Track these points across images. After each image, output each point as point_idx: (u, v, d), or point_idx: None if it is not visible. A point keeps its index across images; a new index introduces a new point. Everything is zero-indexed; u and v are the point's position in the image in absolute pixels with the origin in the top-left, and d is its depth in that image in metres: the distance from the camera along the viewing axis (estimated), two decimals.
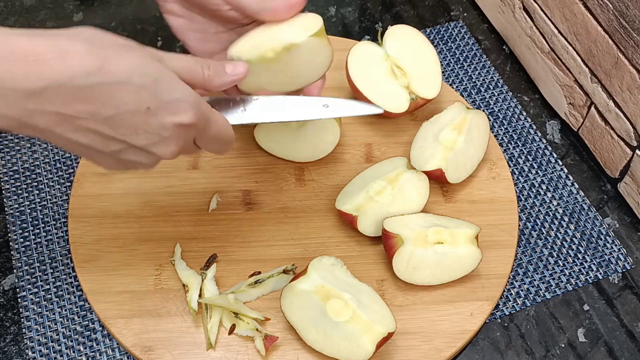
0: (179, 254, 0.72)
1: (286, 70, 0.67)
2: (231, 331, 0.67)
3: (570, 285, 0.75)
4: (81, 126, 0.52)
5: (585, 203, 0.81)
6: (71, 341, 0.70)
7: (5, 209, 0.78)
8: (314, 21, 0.67)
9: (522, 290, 0.75)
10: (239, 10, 0.66)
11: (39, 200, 0.79)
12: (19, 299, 0.72)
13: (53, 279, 0.73)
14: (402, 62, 0.82)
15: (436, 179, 0.77)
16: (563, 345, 0.72)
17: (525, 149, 0.85)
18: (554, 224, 0.79)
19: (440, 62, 0.93)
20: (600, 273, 0.76)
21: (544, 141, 0.86)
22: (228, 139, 0.62)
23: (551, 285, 0.75)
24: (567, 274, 0.76)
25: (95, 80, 0.51)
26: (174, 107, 0.54)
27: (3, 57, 0.48)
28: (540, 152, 0.85)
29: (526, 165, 0.84)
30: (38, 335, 0.70)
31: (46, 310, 0.72)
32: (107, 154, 0.55)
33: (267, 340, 0.66)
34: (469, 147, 0.78)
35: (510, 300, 0.74)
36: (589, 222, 0.80)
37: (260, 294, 0.71)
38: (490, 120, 0.88)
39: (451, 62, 0.93)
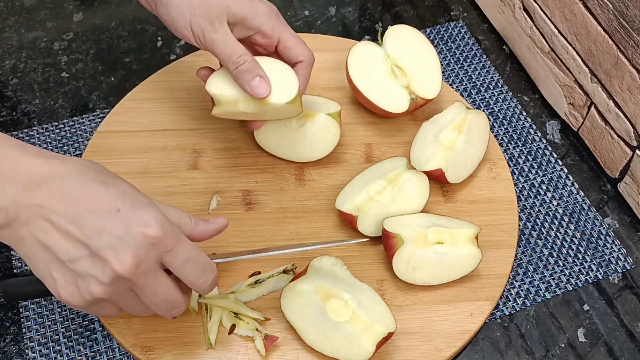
0: None
1: (259, 113, 0.72)
2: (231, 331, 0.67)
3: (570, 285, 0.75)
4: (52, 222, 0.54)
5: (585, 203, 0.81)
6: (71, 341, 0.70)
7: None
8: (292, 87, 0.70)
9: (522, 290, 0.75)
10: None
11: None
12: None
13: None
14: (402, 62, 0.82)
15: (436, 179, 0.77)
16: (563, 345, 0.72)
17: (525, 149, 0.85)
18: (554, 224, 0.79)
19: (440, 62, 0.93)
20: (600, 273, 0.76)
21: (544, 141, 0.86)
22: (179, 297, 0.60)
23: (551, 285, 0.75)
24: (567, 274, 0.76)
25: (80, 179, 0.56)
26: (144, 216, 0.55)
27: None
28: (540, 152, 0.85)
29: (526, 165, 0.84)
30: (38, 335, 0.70)
31: (46, 310, 0.72)
32: (60, 265, 0.55)
33: (267, 340, 0.66)
34: (469, 147, 0.78)
35: (510, 300, 0.74)
36: (589, 222, 0.80)
37: (261, 293, 0.71)
38: (490, 120, 0.88)
39: (451, 62, 0.93)
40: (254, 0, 0.70)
